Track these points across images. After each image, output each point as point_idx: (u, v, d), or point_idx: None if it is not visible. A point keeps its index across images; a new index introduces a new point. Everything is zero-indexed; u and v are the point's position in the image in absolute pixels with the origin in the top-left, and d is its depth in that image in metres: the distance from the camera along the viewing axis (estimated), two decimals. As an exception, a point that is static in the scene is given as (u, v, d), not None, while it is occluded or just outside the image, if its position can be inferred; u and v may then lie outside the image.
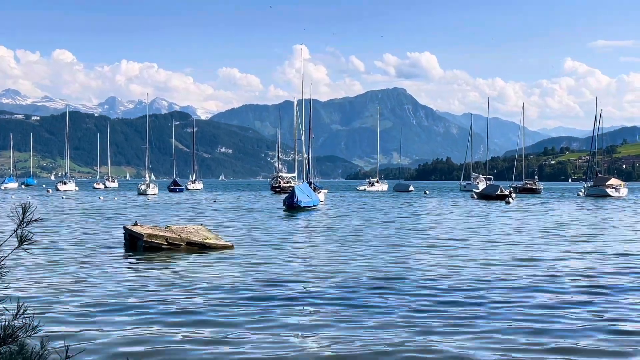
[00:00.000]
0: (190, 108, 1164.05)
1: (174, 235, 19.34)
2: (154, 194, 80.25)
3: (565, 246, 21.46)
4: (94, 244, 21.02)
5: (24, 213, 2.89)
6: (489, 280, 13.87)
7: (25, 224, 2.89)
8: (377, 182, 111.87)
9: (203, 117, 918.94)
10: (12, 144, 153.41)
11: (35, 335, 2.73)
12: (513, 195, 66.89)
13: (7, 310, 2.85)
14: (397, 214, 41.30)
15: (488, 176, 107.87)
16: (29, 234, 2.89)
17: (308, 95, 69.07)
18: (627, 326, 9.67)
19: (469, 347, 8.45)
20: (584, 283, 13.71)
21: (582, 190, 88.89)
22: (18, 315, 2.75)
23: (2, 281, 2.75)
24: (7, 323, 2.75)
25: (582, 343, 8.69)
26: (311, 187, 52.91)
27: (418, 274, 14.82)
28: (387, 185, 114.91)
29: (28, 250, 2.98)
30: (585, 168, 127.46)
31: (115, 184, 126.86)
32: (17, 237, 2.90)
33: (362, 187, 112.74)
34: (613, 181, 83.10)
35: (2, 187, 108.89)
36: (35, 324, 2.73)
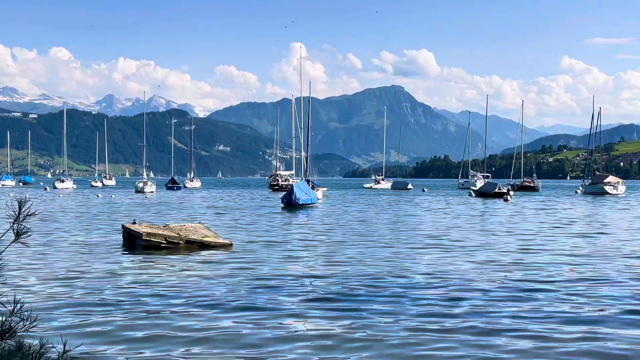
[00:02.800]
0: (188, 106, 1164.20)
1: (173, 234, 19.29)
2: (152, 192, 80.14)
3: (562, 245, 21.46)
4: (91, 242, 20.97)
5: (20, 208, 2.88)
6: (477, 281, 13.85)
7: (21, 218, 2.88)
8: (382, 179, 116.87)
9: (201, 115, 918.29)
10: (10, 142, 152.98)
11: (32, 330, 2.73)
12: (511, 192, 66.88)
13: (4, 306, 2.85)
14: (395, 212, 41.28)
15: (486, 174, 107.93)
16: (25, 228, 2.88)
17: (306, 93, 69.07)
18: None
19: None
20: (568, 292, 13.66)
21: (580, 187, 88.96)
22: (15, 311, 2.76)
23: (0, 276, 2.77)
24: (4, 319, 2.76)
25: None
26: (309, 185, 52.89)
27: (414, 274, 14.81)
28: (391, 183, 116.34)
29: (25, 244, 2.96)
30: (582, 166, 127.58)
31: (112, 182, 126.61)
32: (13, 232, 2.90)
33: (368, 185, 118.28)
34: (611, 179, 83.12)
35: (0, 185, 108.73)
36: (32, 319, 2.74)
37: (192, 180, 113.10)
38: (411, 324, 9.53)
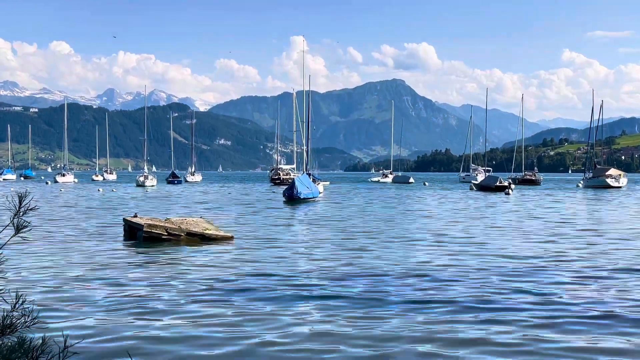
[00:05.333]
0: (189, 100, 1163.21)
1: (174, 226, 19.24)
2: (153, 186, 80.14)
3: (560, 240, 21.41)
4: (92, 235, 20.93)
5: (20, 202, 2.87)
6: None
7: (22, 212, 2.87)
8: (390, 173, 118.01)
9: (201, 109, 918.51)
10: (10, 136, 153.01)
11: (34, 325, 2.74)
12: (512, 186, 66.80)
13: (5, 301, 2.86)
14: (396, 207, 41.24)
15: (487, 168, 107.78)
16: (25, 222, 2.87)
17: (308, 87, 68.74)
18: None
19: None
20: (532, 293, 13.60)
21: (582, 181, 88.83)
22: (17, 306, 2.77)
23: (1, 271, 2.77)
24: (5, 314, 2.76)
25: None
26: (310, 179, 52.82)
27: (416, 268, 14.78)
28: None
29: (25, 238, 2.98)
30: (584, 159, 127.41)
31: (113, 176, 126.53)
32: (13, 226, 2.89)
33: (376, 179, 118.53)
34: (612, 171, 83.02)
35: (1, 179, 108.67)
36: (34, 315, 2.75)
37: (193, 175, 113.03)
38: (410, 319, 9.49)
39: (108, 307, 10.10)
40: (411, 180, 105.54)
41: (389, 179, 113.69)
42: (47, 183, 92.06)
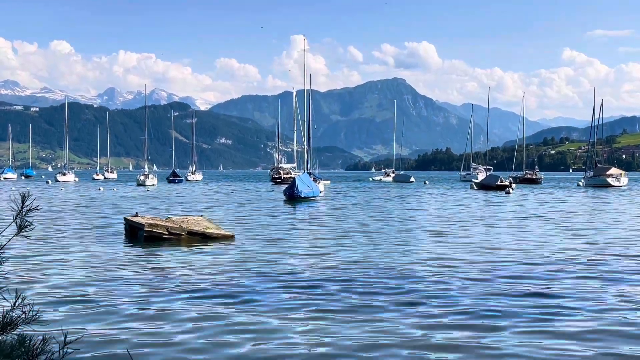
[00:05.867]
0: (190, 99, 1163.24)
1: (175, 225, 19.26)
2: (153, 185, 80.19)
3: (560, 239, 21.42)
4: (93, 235, 20.95)
5: (23, 202, 2.90)
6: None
7: (24, 212, 2.89)
8: (392, 172, 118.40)
9: (202, 108, 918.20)
10: (11, 135, 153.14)
11: (34, 324, 2.76)
12: (513, 185, 66.77)
13: (6, 299, 2.88)
14: (396, 206, 41.24)
15: (488, 167, 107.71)
16: (27, 222, 2.89)
17: (308, 86, 68.69)
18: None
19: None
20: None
21: (582, 180, 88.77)
22: (17, 304, 2.79)
23: (1, 270, 2.78)
24: (6, 312, 2.78)
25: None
26: (311, 177, 52.84)
27: (416, 268, 14.79)
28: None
29: (27, 236, 2.97)
30: (584, 158, 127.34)
31: (114, 175, 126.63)
32: (16, 225, 2.91)
33: (378, 178, 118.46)
34: (613, 170, 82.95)
35: (2, 178, 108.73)
36: (34, 313, 2.76)
37: (194, 174, 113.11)
38: (404, 320, 9.51)
39: (107, 306, 10.11)
40: (412, 179, 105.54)
41: (390, 177, 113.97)
42: (47, 182, 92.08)
